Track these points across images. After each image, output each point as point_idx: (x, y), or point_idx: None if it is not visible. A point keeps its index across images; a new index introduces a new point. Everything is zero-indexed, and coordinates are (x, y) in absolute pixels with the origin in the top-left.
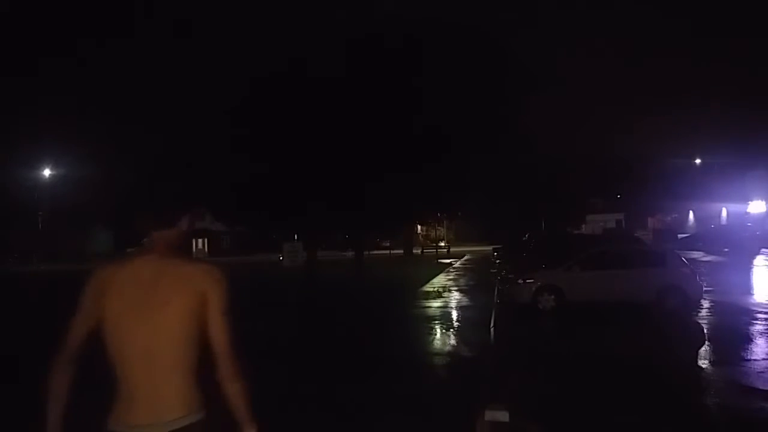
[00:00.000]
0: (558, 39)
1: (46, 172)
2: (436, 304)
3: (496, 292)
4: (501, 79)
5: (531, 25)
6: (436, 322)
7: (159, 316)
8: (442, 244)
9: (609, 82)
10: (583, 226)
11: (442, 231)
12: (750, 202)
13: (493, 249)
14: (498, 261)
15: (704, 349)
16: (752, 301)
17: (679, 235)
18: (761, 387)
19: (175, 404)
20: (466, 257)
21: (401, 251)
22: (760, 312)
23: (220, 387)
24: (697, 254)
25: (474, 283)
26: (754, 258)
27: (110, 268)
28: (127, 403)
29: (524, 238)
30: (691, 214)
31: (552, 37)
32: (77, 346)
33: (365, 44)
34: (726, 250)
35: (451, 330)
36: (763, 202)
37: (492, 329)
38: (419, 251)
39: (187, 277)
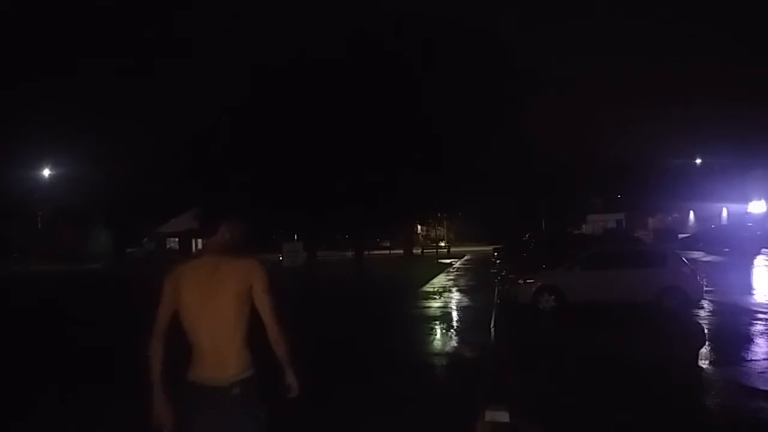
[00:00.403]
0: (558, 38)
1: (46, 172)
2: (437, 304)
3: (496, 292)
4: (501, 79)
5: (531, 24)
6: (437, 322)
7: (217, 301)
8: (442, 244)
9: (609, 82)
10: (583, 226)
11: (442, 231)
12: (750, 202)
13: (493, 249)
14: (498, 261)
15: (704, 349)
16: (752, 301)
17: (679, 235)
18: (761, 387)
19: (232, 363)
20: (466, 257)
21: (401, 251)
22: (760, 312)
23: (270, 344)
24: (697, 254)
25: (474, 283)
26: (754, 258)
27: (179, 268)
28: (198, 363)
29: (524, 238)
30: (691, 214)
31: (552, 37)
32: (164, 325)
33: (365, 43)
34: (726, 250)
35: (452, 330)
36: (764, 202)
37: (492, 329)
38: (419, 251)
39: (235, 270)
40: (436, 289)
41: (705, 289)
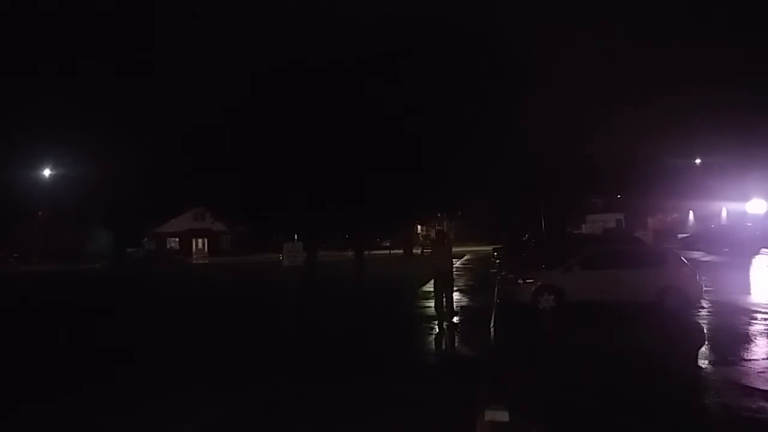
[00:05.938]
0: (557, 36)
1: (46, 172)
2: None
3: (496, 292)
4: (495, 76)
5: (528, 20)
6: (437, 321)
7: (443, 254)
8: None
9: (609, 82)
10: (583, 226)
11: None
12: (749, 202)
13: (493, 249)
14: (498, 261)
15: (704, 349)
16: (752, 301)
17: (679, 235)
18: (761, 387)
19: (448, 268)
20: (466, 257)
21: (401, 251)
22: (760, 312)
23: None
24: (697, 254)
25: (474, 283)
26: (754, 258)
27: (433, 246)
28: (434, 266)
29: (524, 238)
30: (691, 214)
31: (550, 34)
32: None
33: (358, 45)
34: (726, 250)
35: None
36: (763, 202)
37: (492, 329)
38: (419, 251)
39: (449, 245)
40: None
41: (704, 288)
